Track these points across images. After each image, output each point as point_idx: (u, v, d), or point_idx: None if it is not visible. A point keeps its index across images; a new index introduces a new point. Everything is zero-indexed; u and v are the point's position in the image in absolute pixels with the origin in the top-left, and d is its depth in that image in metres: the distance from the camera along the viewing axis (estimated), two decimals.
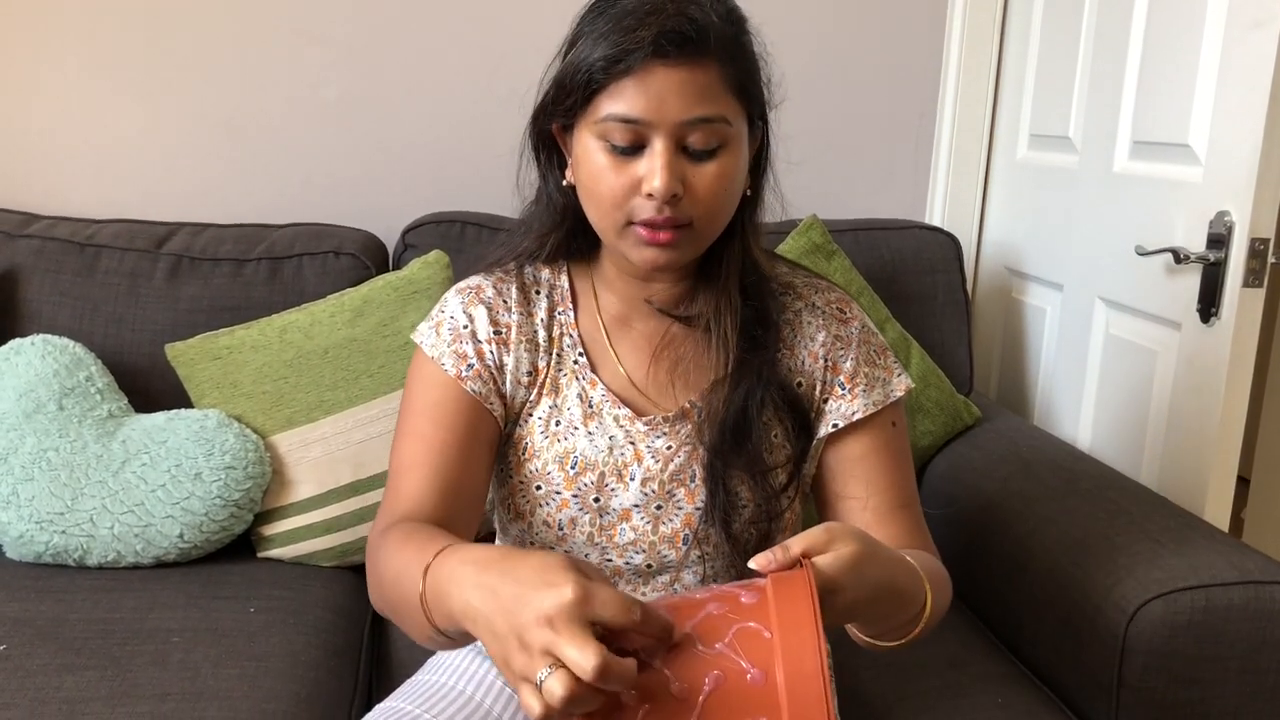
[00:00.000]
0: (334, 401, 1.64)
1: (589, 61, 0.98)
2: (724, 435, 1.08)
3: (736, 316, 1.10)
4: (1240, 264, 1.54)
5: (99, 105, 1.98)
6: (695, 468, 1.11)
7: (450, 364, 1.10)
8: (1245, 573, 1.31)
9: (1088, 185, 1.92)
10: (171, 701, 1.25)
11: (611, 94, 0.98)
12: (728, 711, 0.75)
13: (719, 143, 1.00)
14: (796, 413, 1.12)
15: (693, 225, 1.02)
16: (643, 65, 0.97)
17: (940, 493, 1.80)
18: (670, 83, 0.97)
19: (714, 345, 1.10)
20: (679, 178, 0.99)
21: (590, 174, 1.02)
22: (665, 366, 1.13)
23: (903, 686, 1.35)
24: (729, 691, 0.76)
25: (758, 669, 0.76)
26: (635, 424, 1.12)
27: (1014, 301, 2.19)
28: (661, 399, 1.14)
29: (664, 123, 0.98)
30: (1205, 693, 1.30)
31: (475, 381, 1.10)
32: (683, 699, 0.76)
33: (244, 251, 1.80)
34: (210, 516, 1.56)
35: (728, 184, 1.02)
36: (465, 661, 1.24)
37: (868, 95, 2.18)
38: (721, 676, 0.76)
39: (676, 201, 1.00)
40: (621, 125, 0.98)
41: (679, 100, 0.97)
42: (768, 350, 1.10)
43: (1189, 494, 1.64)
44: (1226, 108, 1.56)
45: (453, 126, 2.05)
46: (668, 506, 1.11)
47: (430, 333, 1.14)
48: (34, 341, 1.63)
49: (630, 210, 1.01)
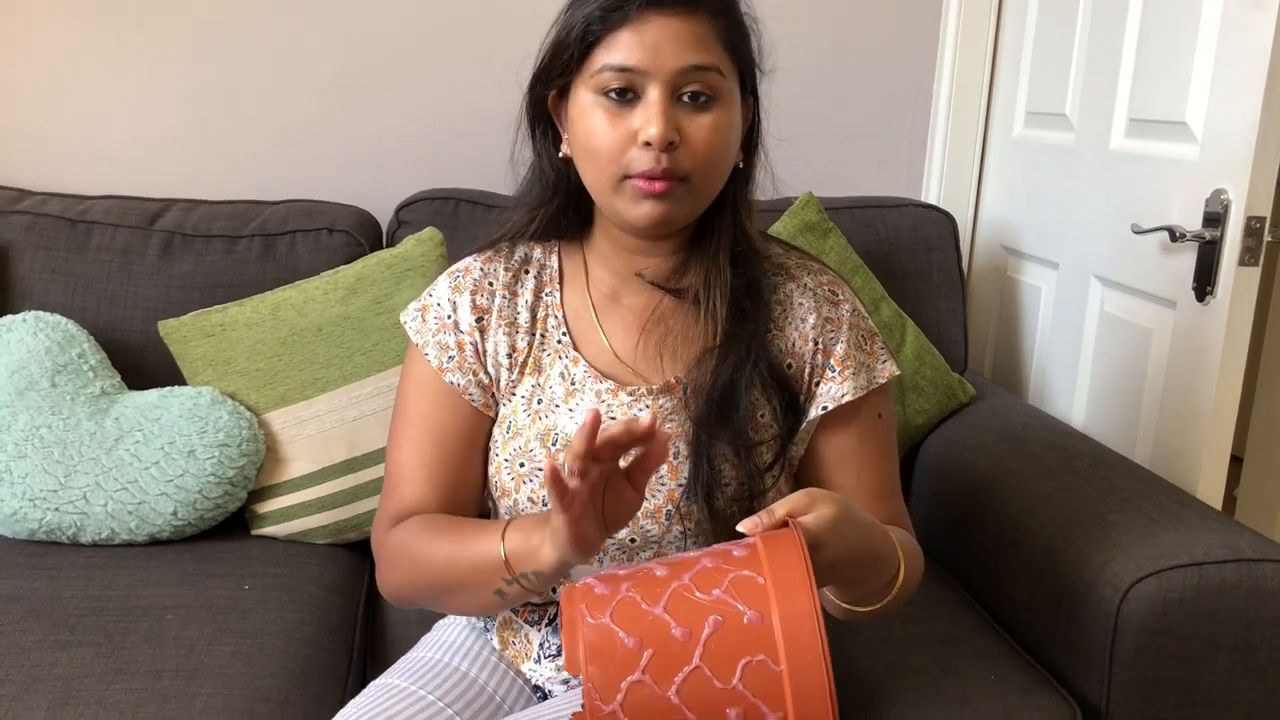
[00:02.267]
0: (328, 379, 1.63)
1: (585, 14, 1.02)
2: (710, 407, 1.10)
3: (726, 288, 1.11)
4: (1236, 242, 1.54)
5: (90, 81, 1.96)
6: (679, 443, 1.12)
7: (433, 354, 1.16)
8: (1238, 551, 1.32)
9: (1084, 163, 1.91)
10: (166, 678, 1.25)
11: (607, 45, 1.02)
12: (728, 652, 0.80)
13: (713, 93, 1.04)
14: (785, 392, 1.13)
15: (688, 179, 1.04)
16: (638, 14, 1.01)
17: (934, 470, 1.80)
18: (665, 31, 1.01)
19: (703, 317, 1.12)
20: (674, 126, 1.02)
21: (586, 130, 1.05)
22: (654, 340, 1.15)
23: (894, 663, 1.35)
24: (729, 633, 0.80)
25: (754, 611, 0.80)
26: (617, 395, 1.13)
27: (1009, 280, 2.19)
28: (648, 373, 1.15)
29: (659, 70, 1.01)
30: (1197, 670, 1.31)
31: (455, 373, 1.16)
32: (684, 642, 0.80)
33: (237, 228, 1.79)
34: (204, 494, 1.56)
35: (722, 136, 1.05)
36: (460, 638, 1.24)
37: (864, 72, 2.17)
38: (720, 620, 0.81)
39: (673, 149, 1.02)
40: (618, 74, 1.02)
41: (674, 48, 1.01)
42: (757, 323, 1.11)
43: (1182, 472, 1.64)
44: (1224, 86, 1.56)
45: (447, 103, 2.04)
46: (651, 481, 1.11)
47: (417, 317, 1.19)
48: (26, 318, 1.62)
49: (627, 163, 1.03)
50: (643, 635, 0.81)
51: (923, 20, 2.17)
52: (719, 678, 0.80)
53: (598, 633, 0.81)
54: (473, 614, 1.21)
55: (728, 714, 0.80)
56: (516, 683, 1.20)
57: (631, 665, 0.80)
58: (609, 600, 0.83)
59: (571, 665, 0.82)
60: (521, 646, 1.21)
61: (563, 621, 0.85)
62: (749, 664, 0.80)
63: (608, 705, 0.80)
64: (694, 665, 0.80)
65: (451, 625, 1.28)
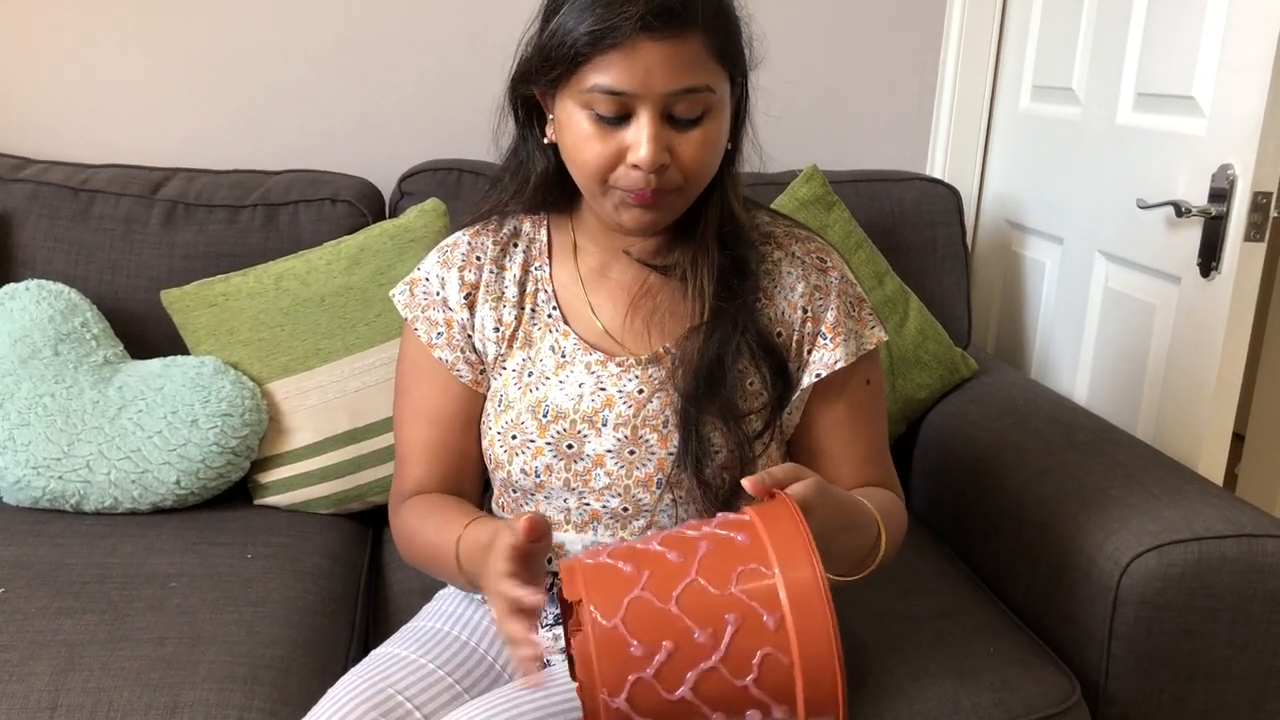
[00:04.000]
0: (330, 349, 1.63)
1: (574, 35, 0.99)
2: (698, 382, 1.10)
3: (714, 266, 1.11)
4: (1242, 218, 1.53)
5: (93, 49, 1.95)
6: (668, 413, 1.12)
7: (423, 330, 1.18)
8: (1238, 526, 1.32)
9: (1090, 137, 1.90)
10: (169, 645, 1.26)
11: (597, 65, 0.99)
12: (722, 564, 0.83)
13: (703, 109, 1.02)
14: (774, 360, 1.14)
15: (680, 189, 1.05)
16: (629, 39, 0.97)
17: (936, 445, 1.80)
18: (656, 56, 0.98)
19: (690, 294, 1.12)
20: (665, 147, 1.01)
21: (574, 141, 1.04)
22: (642, 315, 1.15)
23: (894, 636, 1.36)
24: (720, 547, 0.84)
25: (744, 536, 0.85)
26: (607, 366, 1.14)
27: (1013, 255, 2.18)
28: (637, 346, 1.16)
29: (650, 94, 0.99)
30: (1196, 644, 1.31)
31: (444, 349, 1.18)
32: (680, 564, 0.83)
33: (239, 198, 1.79)
34: (207, 463, 1.56)
35: (712, 149, 1.04)
36: (460, 608, 1.25)
37: (870, 45, 2.16)
38: (709, 547, 0.84)
39: (663, 171, 1.02)
40: (607, 97, 0.99)
41: (665, 72, 0.99)
42: (744, 298, 1.12)
43: (1184, 448, 1.64)
44: (1232, 60, 1.54)
45: (450, 73, 2.03)
46: (640, 451, 1.12)
47: (405, 291, 1.21)
48: (29, 287, 1.62)
49: (615, 179, 1.03)
50: (638, 562, 0.83)
51: None
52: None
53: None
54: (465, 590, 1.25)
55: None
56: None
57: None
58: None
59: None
60: None
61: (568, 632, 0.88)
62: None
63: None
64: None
65: (452, 596, 1.28)
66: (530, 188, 1.14)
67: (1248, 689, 1.34)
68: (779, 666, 0.80)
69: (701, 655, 0.80)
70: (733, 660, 0.80)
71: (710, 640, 0.80)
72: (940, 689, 1.26)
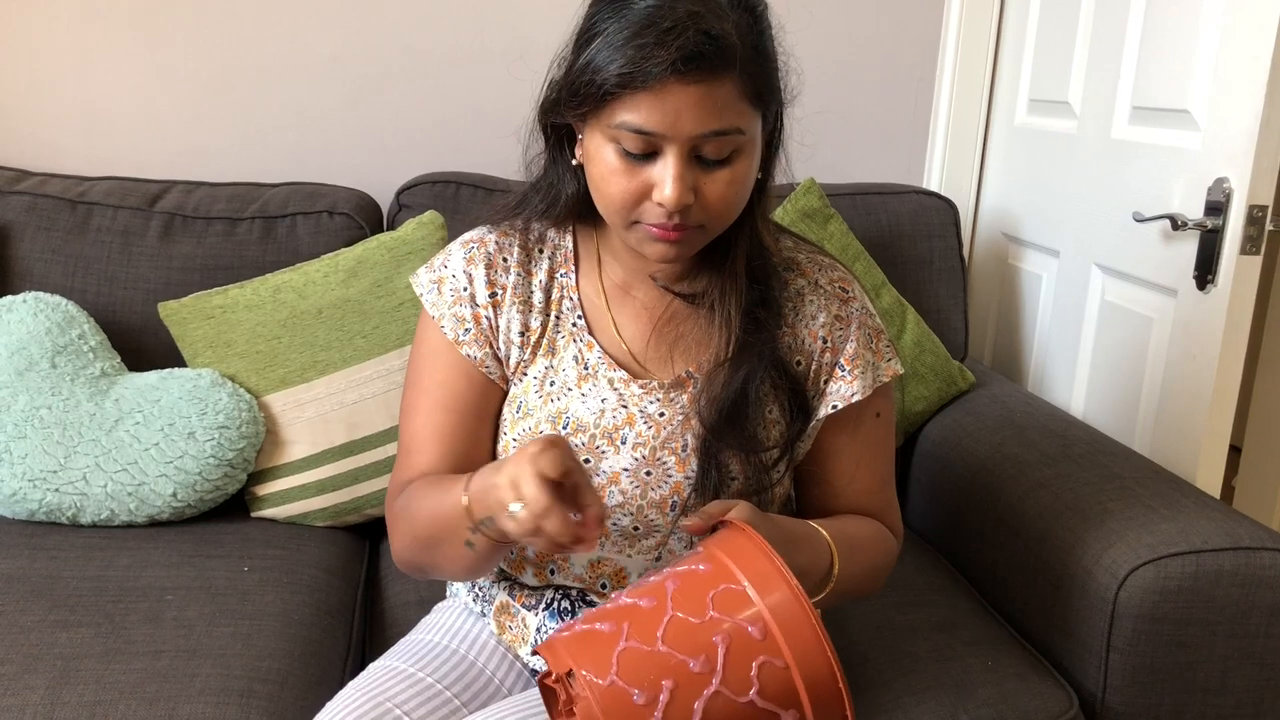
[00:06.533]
0: (328, 362, 1.63)
1: (604, 73, 0.97)
2: (721, 415, 1.09)
3: (742, 298, 1.10)
4: (1238, 231, 1.54)
5: (91, 61, 1.96)
6: (687, 437, 1.11)
7: (449, 327, 1.15)
8: (1235, 539, 1.32)
9: (1086, 151, 1.91)
10: (165, 658, 1.25)
11: (626, 103, 0.97)
12: (694, 594, 0.85)
13: (732, 150, 1.00)
14: (794, 390, 1.14)
15: (703, 226, 1.03)
16: (659, 81, 0.95)
17: (934, 457, 1.81)
18: (687, 99, 0.96)
19: (716, 325, 1.11)
20: (690, 187, 0.99)
21: (600, 173, 1.02)
22: (666, 340, 1.15)
23: (892, 649, 1.36)
24: (687, 581, 0.87)
25: (705, 565, 0.88)
26: (630, 386, 1.12)
27: (1010, 268, 2.19)
28: (658, 367, 1.15)
29: (678, 136, 0.97)
30: (1193, 656, 1.31)
31: (472, 346, 1.15)
32: (654, 607, 0.85)
33: (237, 210, 1.79)
34: (204, 476, 1.56)
35: (739, 189, 1.03)
36: (458, 622, 1.24)
37: (866, 58, 2.17)
38: (677, 584, 0.87)
39: (687, 211, 1.01)
40: (635, 135, 0.98)
41: (694, 114, 0.96)
42: (769, 330, 1.11)
43: (1182, 461, 1.64)
44: (1227, 74, 1.55)
45: (448, 86, 2.03)
46: (657, 473, 1.11)
47: (432, 289, 1.17)
48: (26, 299, 1.62)
49: (639, 213, 1.02)
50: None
51: (926, 6, 2.16)
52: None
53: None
54: (462, 576, 1.14)
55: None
56: (515, 666, 1.21)
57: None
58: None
59: None
60: (519, 631, 1.21)
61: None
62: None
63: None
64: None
65: (449, 609, 1.28)
66: (559, 208, 1.13)
67: (1245, 702, 1.34)
68: (777, 671, 0.81)
69: (702, 683, 0.81)
70: (732, 679, 0.81)
71: (705, 666, 0.81)
72: (938, 703, 1.26)
